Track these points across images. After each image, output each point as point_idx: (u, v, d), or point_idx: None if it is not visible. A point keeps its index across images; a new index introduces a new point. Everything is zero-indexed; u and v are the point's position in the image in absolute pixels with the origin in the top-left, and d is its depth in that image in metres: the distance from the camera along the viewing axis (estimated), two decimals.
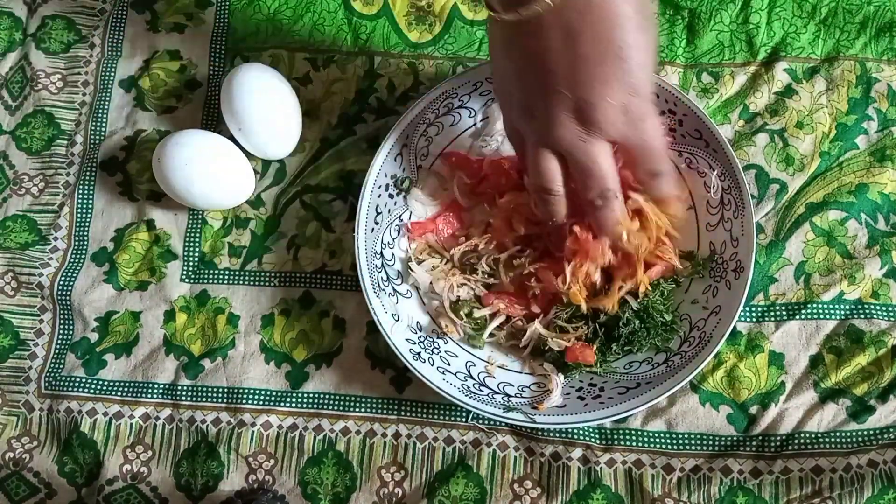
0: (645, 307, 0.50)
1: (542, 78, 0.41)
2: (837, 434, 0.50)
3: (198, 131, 0.56)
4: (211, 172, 0.54)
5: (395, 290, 0.53)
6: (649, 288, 0.50)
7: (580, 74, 0.39)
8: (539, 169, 0.45)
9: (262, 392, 0.54)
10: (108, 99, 0.62)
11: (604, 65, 0.39)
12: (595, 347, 0.50)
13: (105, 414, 0.54)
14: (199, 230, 0.58)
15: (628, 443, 0.51)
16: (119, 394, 0.55)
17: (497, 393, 0.51)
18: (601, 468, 0.50)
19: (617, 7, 0.38)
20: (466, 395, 0.49)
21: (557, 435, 0.51)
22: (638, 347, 0.51)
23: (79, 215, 0.59)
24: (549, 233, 0.51)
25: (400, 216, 0.55)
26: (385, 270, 0.53)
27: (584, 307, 0.50)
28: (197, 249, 0.58)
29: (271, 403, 0.54)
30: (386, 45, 0.61)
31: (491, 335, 0.53)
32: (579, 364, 0.50)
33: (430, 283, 0.54)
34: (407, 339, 0.51)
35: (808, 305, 0.52)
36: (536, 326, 0.51)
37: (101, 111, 0.61)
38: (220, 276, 0.57)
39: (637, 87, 0.40)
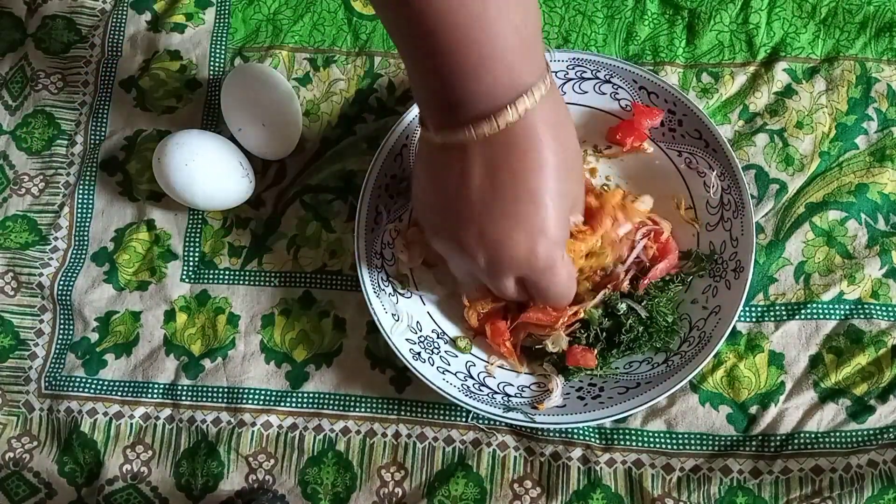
0: (650, 313, 0.50)
1: (458, 204, 0.41)
2: (837, 434, 0.50)
3: (198, 131, 0.56)
4: (211, 172, 0.54)
5: (395, 290, 0.53)
6: (651, 289, 0.51)
7: (490, 207, 0.40)
8: (456, 276, 0.49)
9: (262, 392, 0.54)
10: (108, 99, 0.62)
11: (515, 203, 0.39)
12: (596, 352, 0.50)
13: (105, 414, 0.54)
14: (199, 230, 0.58)
15: (628, 443, 0.51)
16: (119, 394, 0.55)
17: (497, 393, 0.51)
18: (601, 468, 0.50)
19: (538, 153, 0.38)
20: (466, 395, 0.49)
21: (557, 435, 0.51)
22: (639, 350, 0.51)
23: (79, 215, 0.59)
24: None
25: (400, 216, 0.55)
26: (385, 270, 0.53)
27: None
28: (197, 249, 0.58)
29: (271, 403, 0.54)
30: (386, 46, 0.61)
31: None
32: (580, 367, 0.50)
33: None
34: (407, 339, 0.51)
35: (808, 305, 0.52)
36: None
37: (101, 111, 0.61)
38: (221, 276, 0.57)
39: (545, 232, 0.40)
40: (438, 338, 0.53)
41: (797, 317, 0.52)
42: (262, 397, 0.54)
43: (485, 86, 0.37)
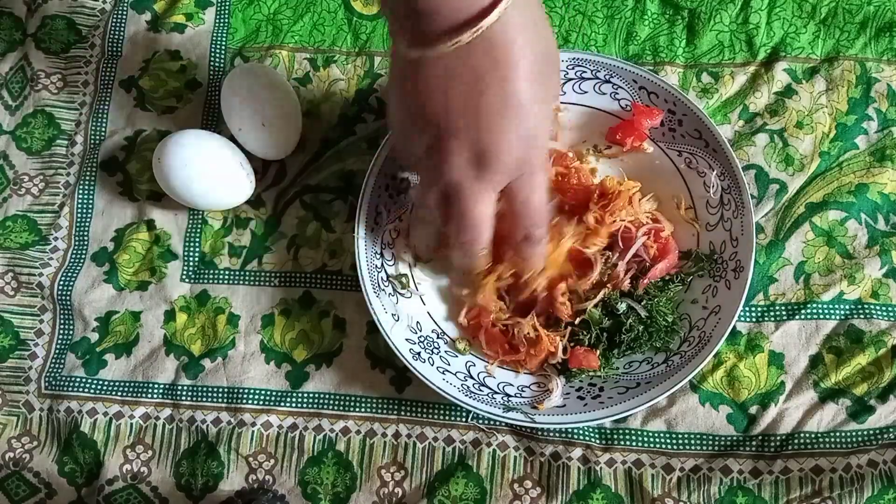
0: (650, 312, 0.50)
1: (443, 119, 0.40)
2: (837, 434, 0.50)
3: (198, 131, 0.56)
4: (211, 172, 0.54)
5: (395, 289, 0.53)
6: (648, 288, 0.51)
7: (481, 120, 0.39)
8: (423, 202, 0.46)
9: (262, 392, 0.54)
10: (108, 99, 0.62)
11: (505, 108, 0.39)
12: (598, 353, 0.50)
13: (105, 414, 0.54)
14: (199, 230, 0.58)
15: (628, 443, 0.51)
16: (119, 394, 0.55)
17: (497, 393, 0.51)
18: (601, 468, 0.50)
19: (517, 57, 0.38)
20: (466, 395, 0.49)
21: (557, 435, 0.51)
22: (639, 350, 0.51)
23: (79, 215, 0.59)
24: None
25: (400, 216, 0.55)
26: (385, 270, 0.53)
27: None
28: (197, 249, 0.58)
29: (271, 403, 0.54)
30: (386, 46, 0.61)
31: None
32: (583, 369, 0.50)
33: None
34: (407, 339, 0.51)
35: (808, 305, 0.52)
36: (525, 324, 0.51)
37: (101, 111, 0.61)
38: (221, 276, 0.57)
39: (535, 136, 0.40)
40: (438, 338, 0.53)
41: (797, 317, 0.52)
42: (262, 397, 0.54)
43: None
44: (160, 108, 0.61)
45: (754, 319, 0.52)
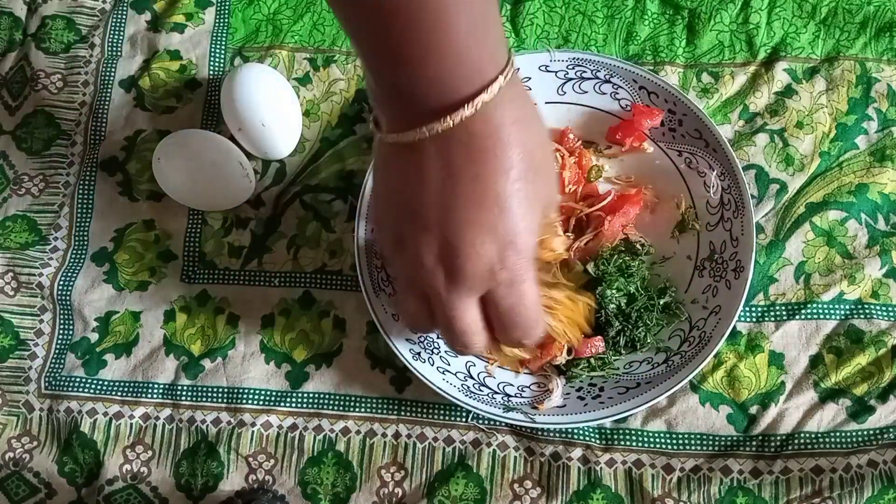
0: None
1: (416, 210, 0.37)
2: (837, 434, 0.50)
3: (198, 131, 0.56)
4: (211, 172, 0.54)
5: (395, 289, 0.53)
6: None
7: (452, 214, 0.36)
8: (404, 308, 0.43)
9: (262, 392, 0.54)
10: (108, 99, 0.62)
11: (479, 210, 0.35)
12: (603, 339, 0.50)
13: (105, 414, 0.54)
14: (199, 230, 0.58)
15: (628, 443, 0.51)
16: (119, 394, 0.55)
17: (497, 393, 0.51)
18: (601, 468, 0.50)
19: (503, 153, 0.35)
20: (466, 395, 0.49)
21: (557, 435, 0.51)
22: (645, 333, 0.50)
23: (79, 215, 0.59)
24: None
25: None
26: (385, 270, 0.53)
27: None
28: (197, 249, 0.58)
29: (271, 403, 0.54)
30: None
31: None
32: (581, 360, 0.50)
33: None
34: (407, 339, 0.51)
35: (808, 305, 0.52)
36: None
37: (101, 111, 0.61)
38: (221, 276, 0.57)
39: (514, 242, 0.36)
40: (438, 338, 0.53)
41: (797, 317, 0.52)
42: (262, 397, 0.54)
43: (436, 78, 0.33)
44: (160, 108, 0.61)
45: (754, 319, 0.52)
